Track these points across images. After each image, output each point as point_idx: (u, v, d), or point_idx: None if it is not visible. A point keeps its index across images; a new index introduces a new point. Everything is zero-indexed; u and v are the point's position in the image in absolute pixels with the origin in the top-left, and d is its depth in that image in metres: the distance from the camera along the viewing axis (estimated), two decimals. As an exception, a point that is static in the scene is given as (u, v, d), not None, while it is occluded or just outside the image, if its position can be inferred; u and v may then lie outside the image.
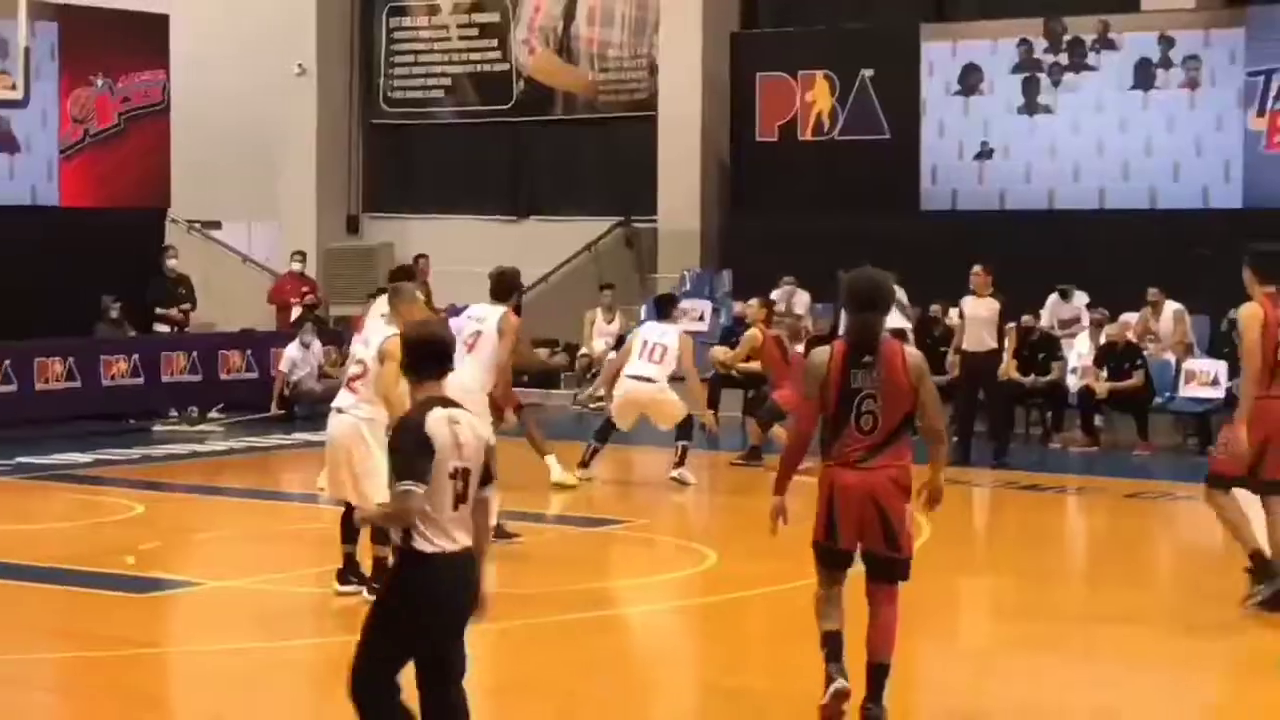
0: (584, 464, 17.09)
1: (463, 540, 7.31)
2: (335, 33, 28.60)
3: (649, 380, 16.97)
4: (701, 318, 24.82)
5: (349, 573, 11.97)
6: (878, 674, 8.78)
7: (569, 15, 27.53)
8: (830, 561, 8.90)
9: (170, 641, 11.67)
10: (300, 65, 28.29)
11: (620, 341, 24.42)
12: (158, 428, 21.11)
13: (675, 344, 17.02)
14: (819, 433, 8.92)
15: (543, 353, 18.13)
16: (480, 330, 13.84)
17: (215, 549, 14.49)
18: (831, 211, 23.48)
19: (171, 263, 23.65)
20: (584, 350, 24.61)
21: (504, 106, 28.03)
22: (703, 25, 25.90)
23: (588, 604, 12.10)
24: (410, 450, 7.22)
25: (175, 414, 21.67)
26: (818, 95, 24.69)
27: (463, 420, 7.30)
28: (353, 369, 11.75)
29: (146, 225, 23.53)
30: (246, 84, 28.40)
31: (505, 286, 14.41)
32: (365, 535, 11.67)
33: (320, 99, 28.44)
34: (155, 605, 12.27)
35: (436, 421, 7.23)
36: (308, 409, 21.22)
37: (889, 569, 8.79)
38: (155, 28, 23.90)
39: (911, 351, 8.97)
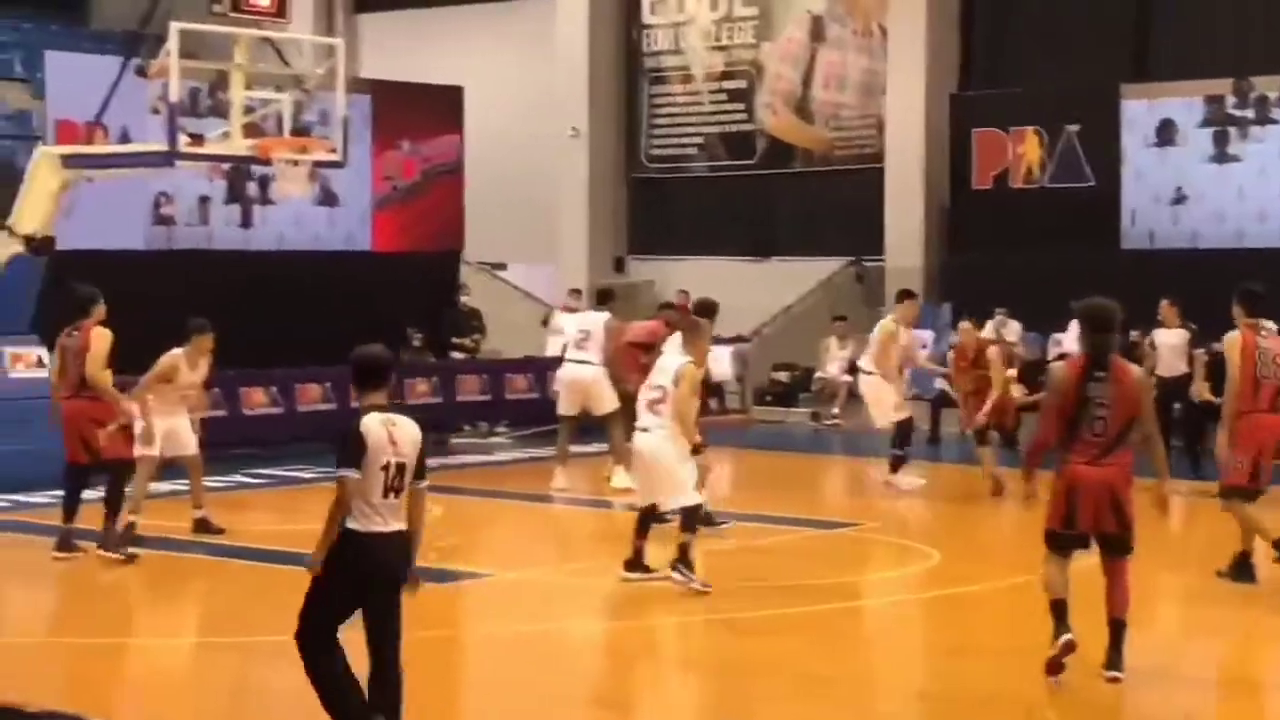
0: (894, 470, 17.07)
1: (394, 524, 7.83)
2: (604, 100, 28.89)
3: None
4: (924, 345, 24.65)
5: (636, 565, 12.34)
6: (1118, 628, 9.40)
7: (807, 81, 27.53)
8: (1064, 545, 9.40)
9: (467, 624, 11.86)
10: (574, 128, 28.62)
11: (852, 367, 24.39)
12: (454, 440, 21.47)
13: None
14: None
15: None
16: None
17: (504, 544, 14.72)
18: (1040, 251, 23.17)
19: (465, 298, 24.06)
20: (819, 374, 24.56)
21: (749, 161, 28.10)
22: (925, 87, 25.76)
23: (825, 597, 12.08)
24: (348, 445, 7.78)
25: (468, 428, 22.02)
26: (1028, 148, 24.41)
27: (399, 423, 7.90)
28: (653, 394, 12.19)
29: (443, 266, 23.94)
30: (528, 144, 28.85)
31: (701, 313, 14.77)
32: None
33: (591, 156, 28.74)
34: (454, 593, 12.47)
35: (372, 421, 7.81)
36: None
37: (1122, 545, 9.36)
38: (451, 98, 24.35)
39: (1136, 368, 9.69)
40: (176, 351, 13.98)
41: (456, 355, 23.32)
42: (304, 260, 21.90)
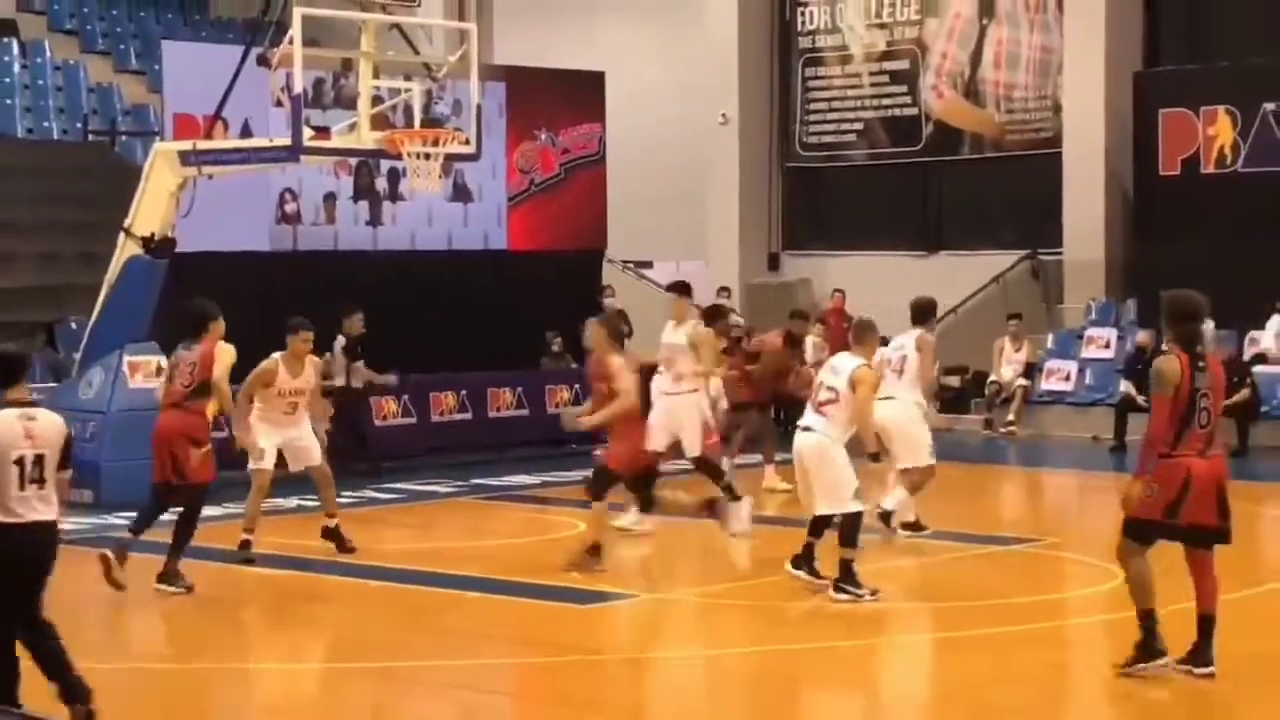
0: None
1: (39, 514, 8.78)
2: (755, 84, 28.84)
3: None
4: (1107, 345, 24.36)
5: (839, 578, 12.46)
6: (1210, 623, 9.84)
7: (976, 60, 27.29)
8: (1150, 538, 9.83)
9: (612, 648, 11.88)
10: (724, 115, 28.61)
11: (1028, 369, 24.15)
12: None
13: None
14: None
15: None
16: (905, 354, 14.68)
17: (651, 563, 14.70)
18: (1235, 241, 22.76)
19: (608, 300, 24.13)
20: (993, 377, 24.33)
21: (913, 148, 27.91)
22: (1105, 65, 25.40)
23: (1002, 619, 11.96)
24: None
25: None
26: (1219, 129, 23.98)
27: (39, 417, 8.95)
28: (825, 395, 12.48)
29: (585, 265, 24.01)
30: (674, 134, 28.88)
31: (922, 312, 15.13)
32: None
33: (742, 145, 28.71)
34: (598, 615, 12.50)
35: (5, 418, 8.82)
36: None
37: (1220, 537, 9.82)
38: (592, 85, 24.43)
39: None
40: (275, 355, 14.16)
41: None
42: (436, 260, 22.08)
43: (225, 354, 13.35)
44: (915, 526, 14.99)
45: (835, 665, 11.17)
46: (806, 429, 12.51)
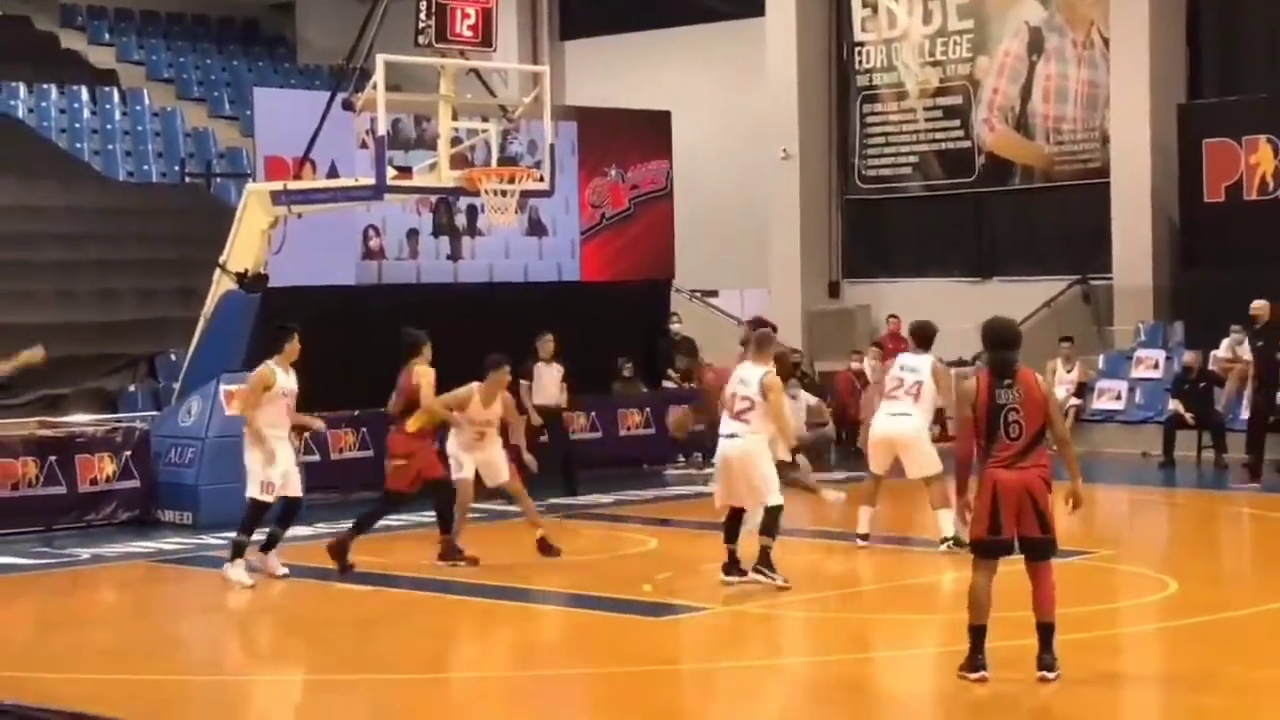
0: None
1: None
2: (815, 120, 28.81)
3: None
4: (1156, 366, 24.21)
5: (731, 567, 13.42)
6: (1047, 632, 10.14)
7: (1026, 95, 27.18)
8: (993, 554, 10.14)
9: (683, 660, 11.86)
10: (785, 150, 28.58)
11: (1080, 389, 23.98)
12: (669, 472, 21.54)
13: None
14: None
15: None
16: (920, 380, 14.66)
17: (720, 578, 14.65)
18: (1277, 264, 22.55)
19: (675, 327, 24.16)
20: (1045, 398, 24.13)
21: (967, 179, 27.81)
22: (1150, 98, 25.26)
23: (1063, 627, 11.85)
24: None
25: (682, 460, 22.06)
26: (1261, 158, 23.78)
27: None
28: (740, 404, 13.20)
29: (653, 294, 24.05)
30: (737, 169, 28.90)
31: (927, 337, 15.01)
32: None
33: (802, 179, 28.67)
34: (670, 628, 12.49)
35: None
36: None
37: (1045, 549, 10.19)
38: (659, 124, 24.47)
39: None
40: (473, 385, 14.70)
41: (669, 385, 23.40)
42: (513, 291, 22.16)
43: (425, 376, 14.52)
44: (960, 542, 14.89)
45: (901, 674, 11.11)
46: (731, 435, 13.25)
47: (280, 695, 10.85)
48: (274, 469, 13.83)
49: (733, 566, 13.46)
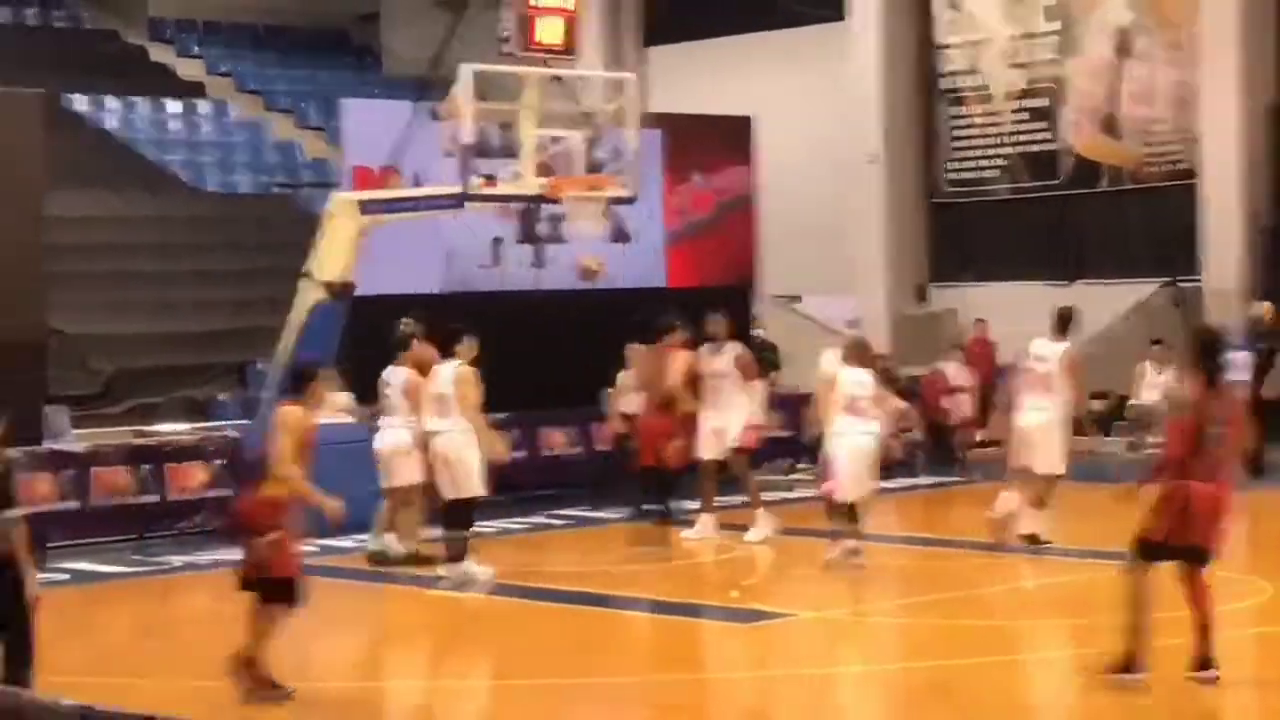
0: None
1: None
2: (900, 124, 28.72)
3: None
4: (1246, 368, 23.95)
5: None
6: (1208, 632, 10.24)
7: (1113, 96, 26.98)
8: (1156, 556, 10.21)
9: (771, 665, 11.86)
10: (870, 155, 28.51)
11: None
12: (754, 477, 21.46)
13: None
14: None
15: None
16: (1050, 371, 14.32)
17: (808, 583, 14.66)
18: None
19: (759, 332, 24.14)
20: (1133, 401, 23.98)
21: (1054, 181, 27.63)
22: (1239, 98, 25.03)
23: (1161, 633, 11.77)
24: None
25: (767, 465, 22.01)
26: (1354, 157, 23.54)
27: None
28: (860, 405, 14.48)
29: (737, 300, 23.99)
30: (821, 173, 28.82)
31: (1065, 321, 15.25)
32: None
33: (888, 182, 28.58)
34: (755, 634, 12.50)
35: None
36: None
37: (1206, 557, 10.28)
38: (741, 129, 24.48)
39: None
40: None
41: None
42: (598, 299, 22.20)
43: (676, 360, 16.22)
44: (1035, 539, 14.84)
45: (968, 685, 11.05)
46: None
47: (369, 702, 10.94)
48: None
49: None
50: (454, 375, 14.22)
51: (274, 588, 10.27)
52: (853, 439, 14.45)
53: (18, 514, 8.81)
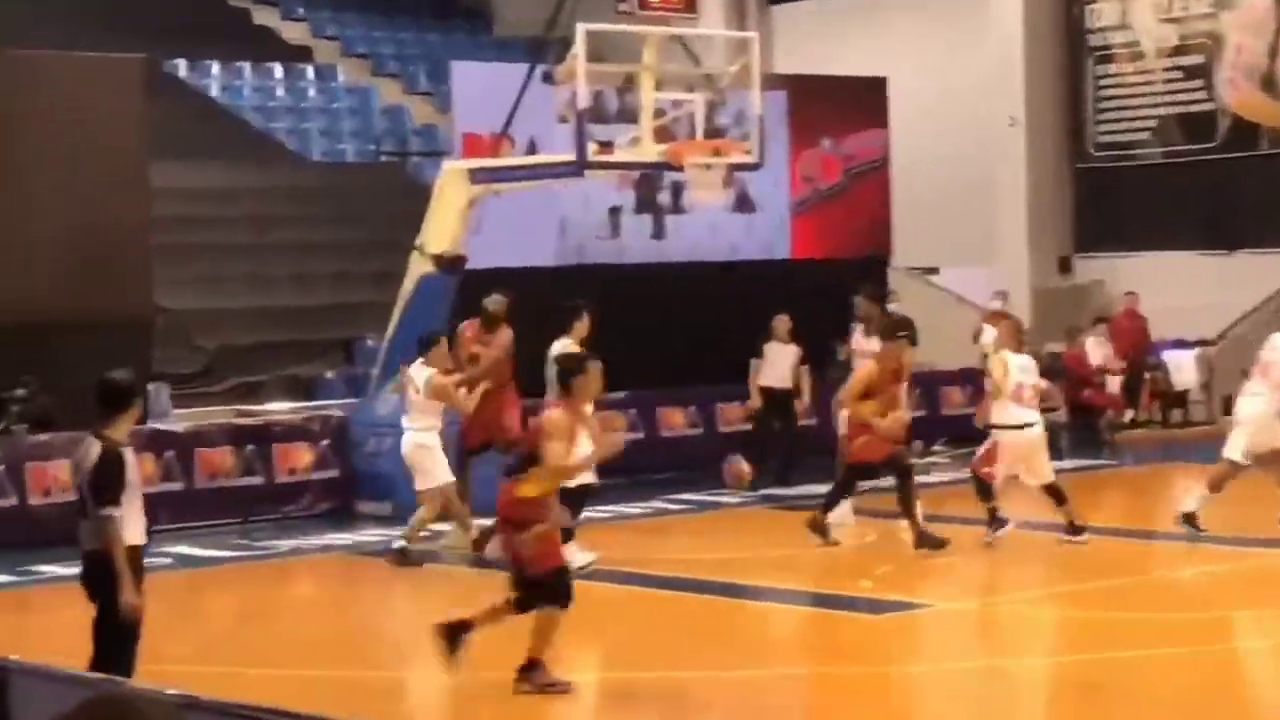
0: None
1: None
2: (1044, 84, 28.45)
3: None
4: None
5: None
6: None
7: (1274, 52, 26.56)
8: None
9: (906, 659, 11.84)
10: (1011, 117, 28.28)
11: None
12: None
13: None
14: None
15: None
16: (1271, 360, 14.88)
17: (944, 572, 14.61)
18: None
19: (893, 306, 24.01)
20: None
21: (1209, 144, 27.25)
22: None
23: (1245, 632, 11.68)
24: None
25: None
26: None
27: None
28: (1028, 393, 14.88)
29: (869, 272, 23.89)
30: (959, 137, 28.62)
31: None
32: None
33: (1030, 146, 28.33)
34: (889, 625, 12.48)
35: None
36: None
37: None
38: (874, 91, 24.37)
39: None
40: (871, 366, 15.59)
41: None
42: (720, 271, 22.24)
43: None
44: (1192, 520, 14.73)
45: (1139, 678, 10.98)
46: (1029, 425, 14.81)
47: (484, 696, 11.05)
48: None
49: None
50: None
51: (537, 587, 10.36)
52: (1026, 431, 14.91)
53: (112, 513, 8.83)
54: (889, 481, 15.31)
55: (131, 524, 8.96)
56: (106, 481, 8.86)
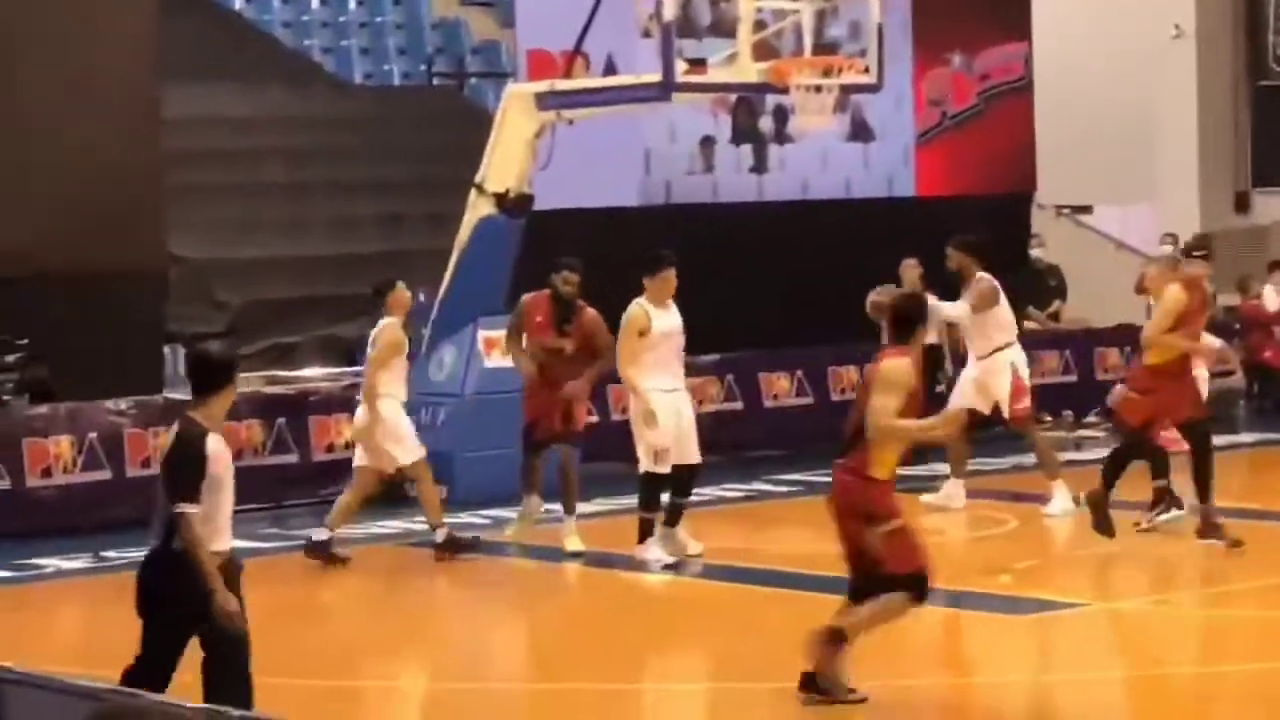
0: None
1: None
2: (1215, -12, 28.27)
3: None
4: None
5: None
6: None
7: None
8: None
9: (1052, 667, 11.81)
10: (1177, 27, 28.06)
11: None
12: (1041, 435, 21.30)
13: None
14: None
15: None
16: None
17: (1099, 566, 14.53)
18: None
19: (1037, 252, 23.91)
20: None
21: None
22: None
23: None
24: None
25: (1049, 418, 21.83)
26: None
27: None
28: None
29: (1009, 212, 23.82)
30: (1116, 52, 28.41)
31: None
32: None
33: (1200, 63, 28.11)
34: (1039, 626, 12.44)
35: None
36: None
37: None
38: (1013, -1, 24.26)
39: None
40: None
41: (1029, 325, 23.17)
42: (832, 211, 22.19)
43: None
44: None
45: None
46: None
47: (552, 706, 11.10)
48: (661, 432, 14.01)
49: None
50: None
51: (894, 586, 10.25)
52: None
53: (186, 510, 8.70)
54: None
55: (215, 528, 8.77)
56: (180, 472, 8.68)
